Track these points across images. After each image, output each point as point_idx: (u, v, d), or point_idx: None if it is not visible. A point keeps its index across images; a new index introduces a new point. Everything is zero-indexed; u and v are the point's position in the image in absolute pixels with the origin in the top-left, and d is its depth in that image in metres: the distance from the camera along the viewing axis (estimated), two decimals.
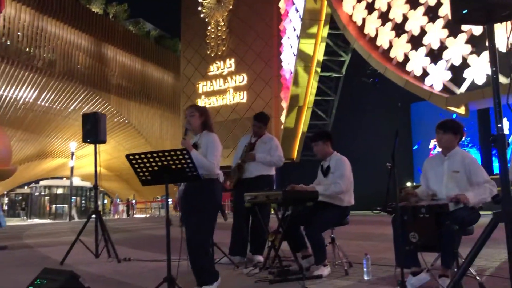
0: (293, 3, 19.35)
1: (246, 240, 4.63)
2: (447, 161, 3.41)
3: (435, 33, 11.40)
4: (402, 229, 3.11)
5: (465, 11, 1.95)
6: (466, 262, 2.12)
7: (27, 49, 21.35)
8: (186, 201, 3.44)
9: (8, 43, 20.31)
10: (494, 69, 1.98)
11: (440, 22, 11.24)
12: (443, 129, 3.40)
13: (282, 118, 20.45)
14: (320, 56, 18.67)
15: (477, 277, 3.13)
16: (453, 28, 10.92)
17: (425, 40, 11.82)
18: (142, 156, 2.98)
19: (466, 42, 10.79)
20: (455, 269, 2.83)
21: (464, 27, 10.56)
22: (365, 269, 3.60)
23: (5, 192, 36.65)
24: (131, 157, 3.00)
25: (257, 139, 4.89)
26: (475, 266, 3.82)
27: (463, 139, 3.59)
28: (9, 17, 20.32)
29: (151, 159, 2.99)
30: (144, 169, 3.05)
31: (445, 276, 3.00)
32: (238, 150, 4.96)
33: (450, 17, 2.33)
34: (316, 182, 4.18)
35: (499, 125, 1.91)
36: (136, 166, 3.03)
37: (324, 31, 18.22)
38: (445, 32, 11.13)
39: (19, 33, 20.98)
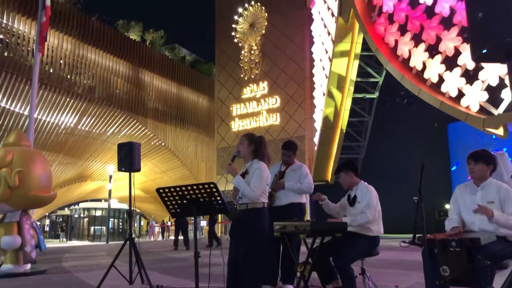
0: (325, 26, 19.46)
1: (276, 268, 4.63)
2: (481, 192, 3.34)
3: (470, 54, 11.14)
4: (432, 262, 3.06)
5: (485, 50, 1.95)
6: None
7: (68, 76, 22.25)
8: (235, 229, 3.48)
9: (51, 71, 21.24)
10: None
11: None
12: (474, 159, 3.35)
13: (315, 140, 20.39)
14: (353, 77, 18.60)
15: None
16: None
17: (460, 61, 11.60)
18: (172, 189, 3.09)
19: (508, 73, 10.49)
20: None
21: None
22: None
23: (47, 214, 37.82)
24: (161, 190, 3.10)
25: (287, 167, 4.94)
26: None
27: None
28: (52, 47, 21.31)
29: (180, 192, 3.08)
30: (174, 202, 3.15)
31: None
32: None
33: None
34: (341, 204, 4.19)
35: None
36: (166, 199, 3.13)
37: (356, 52, 18.18)
38: (486, 62, 10.85)
39: (61, 61, 21.93)
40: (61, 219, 37.90)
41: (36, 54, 9.57)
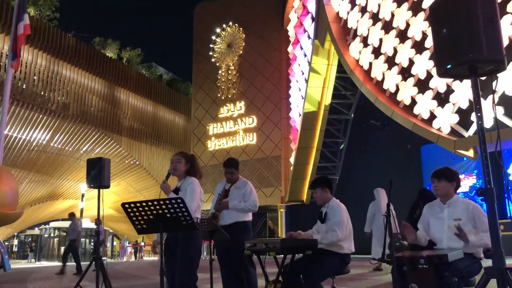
0: (301, 48, 19.73)
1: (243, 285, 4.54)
2: (447, 209, 3.38)
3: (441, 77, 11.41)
4: (402, 280, 3.05)
5: (449, 66, 1.98)
6: None
7: (42, 93, 21.86)
8: (168, 247, 3.48)
9: (24, 87, 20.85)
10: (480, 122, 1.99)
11: None
12: (437, 177, 3.39)
13: (291, 160, 20.45)
14: (328, 99, 18.84)
15: None
16: None
17: (432, 84, 11.88)
18: (138, 204, 3.00)
19: (471, 88, 10.78)
20: None
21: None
22: None
23: (16, 234, 36.63)
24: (127, 205, 3.02)
25: (231, 185, 4.82)
26: None
27: (461, 184, 3.57)
28: (26, 62, 20.96)
29: (146, 208, 3.00)
30: (140, 218, 3.07)
31: None
32: (214, 197, 4.86)
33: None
34: (315, 227, 4.15)
35: (487, 178, 1.90)
36: (132, 214, 3.05)
37: (332, 75, 18.46)
38: (450, 78, 11.11)
39: (35, 77, 21.56)
40: (30, 239, 36.76)
41: (8, 69, 9.36)
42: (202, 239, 3.67)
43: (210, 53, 24.73)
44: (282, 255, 3.92)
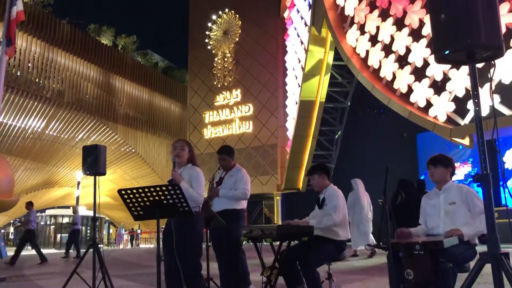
0: (298, 35, 19.63)
1: (240, 273, 4.56)
2: (443, 195, 3.40)
3: (438, 65, 11.44)
4: (397, 266, 3.07)
5: (447, 52, 1.97)
6: None
7: (36, 80, 21.71)
8: (172, 235, 3.47)
9: (18, 74, 20.69)
10: (477, 109, 1.99)
11: None
12: (433, 163, 3.42)
13: (288, 148, 20.47)
14: (324, 86, 18.79)
15: None
16: None
17: (428, 72, 11.86)
18: (134, 191, 3.00)
19: (469, 74, 10.76)
20: None
21: None
22: None
23: (11, 221, 36.63)
24: (123, 192, 3.01)
25: (226, 173, 4.78)
26: None
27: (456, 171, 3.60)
28: (20, 49, 20.77)
29: (142, 194, 3.00)
30: (136, 204, 3.07)
31: None
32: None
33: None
34: (312, 214, 4.17)
35: (483, 165, 1.90)
36: (128, 201, 3.05)
37: (329, 63, 18.40)
38: (448, 64, 11.09)
39: (29, 64, 21.38)
40: None
41: (2, 55, 9.26)
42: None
43: (206, 40, 24.57)
44: (278, 242, 3.94)
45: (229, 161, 4.77)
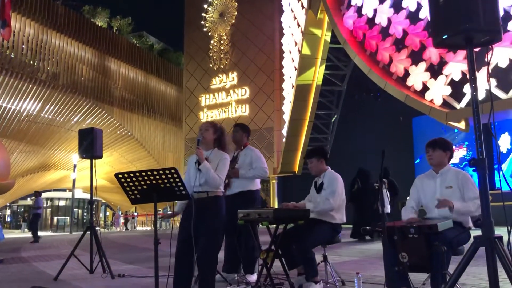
0: (295, 18, 19.47)
1: (239, 257, 4.60)
2: (439, 178, 3.42)
3: (435, 49, 11.37)
4: (392, 249, 3.10)
5: (445, 36, 1.96)
6: (447, 286, 2.11)
7: (31, 62, 21.52)
8: (195, 217, 3.40)
9: (12, 56, 20.49)
10: (474, 93, 1.99)
11: None
12: (432, 146, 3.43)
13: (284, 131, 20.46)
14: (321, 70, 18.71)
15: None
16: None
17: (425, 55, 11.83)
18: (131, 175, 3.01)
19: (466, 57, 10.70)
20: None
21: None
22: None
23: (8, 204, 36.70)
24: (120, 175, 3.02)
25: (238, 152, 4.75)
26: (468, 285, 3.80)
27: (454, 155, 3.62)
28: (14, 31, 20.51)
29: (140, 178, 3.01)
30: (134, 188, 3.08)
31: None
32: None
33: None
34: (308, 198, 4.19)
35: (479, 149, 1.91)
36: (125, 185, 3.06)
37: (326, 46, 18.29)
38: (446, 48, 11.02)
39: (23, 46, 21.16)
40: (22, 209, 36.84)
41: None
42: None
43: (202, 22, 24.32)
44: (275, 225, 3.97)
45: (241, 135, 4.77)
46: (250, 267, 4.53)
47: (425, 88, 11.86)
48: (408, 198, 3.65)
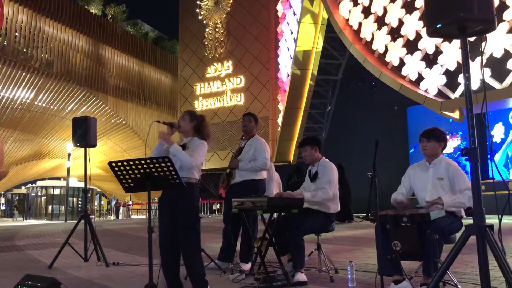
0: (291, 6, 19.37)
1: (234, 246, 4.62)
2: (432, 169, 3.45)
3: (430, 38, 11.36)
4: (385, 237, 3.13)
5: (439, 25, 1.96)
6: (438, 274, 2.13)
7: (24, 50, 21.31)
8: (168, 206, 3.44)
9: (5, 43, 20.28)
10: (467, 83, 2.00)
11: None
12: (426, 137, 3.44)
13: (279, 121, 20.47)
14: (316, 59, 18.69)
15: (458, 286, 3.15)
16: None
17: (421, 45, 11.84)
18: (125, 163, 3.00)
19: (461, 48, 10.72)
20: None
21: None
22: (349, 276, 3.61)
23: (2, 192, 36.60)
24: (114, 164, 3.01)
25: (245, 142, 4.79)
26: (460, 273, 3.84)
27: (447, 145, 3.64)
28: (6, 17, 20.28)
29: (133, 166, 3.00)
30: (127, 176, 3.07)
31: (426, 284, 3.01)
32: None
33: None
34: (303, 186, 4.21)
35: (472, 139, 1.92)
36: (119, 173, 3.05)
37: (321, 35, 18.25)
38: (440, 37, 11.02)
39: (16, 34, 20.94)
40: (17, 198, 36.77)
41: None
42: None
43: (197, 10, 24.14)
44: (269, 214, 3.99)
45: (252, 126, 4.81)
46: (248, 255, 4.56)
47: (420, 78, 11.89)
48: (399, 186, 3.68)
